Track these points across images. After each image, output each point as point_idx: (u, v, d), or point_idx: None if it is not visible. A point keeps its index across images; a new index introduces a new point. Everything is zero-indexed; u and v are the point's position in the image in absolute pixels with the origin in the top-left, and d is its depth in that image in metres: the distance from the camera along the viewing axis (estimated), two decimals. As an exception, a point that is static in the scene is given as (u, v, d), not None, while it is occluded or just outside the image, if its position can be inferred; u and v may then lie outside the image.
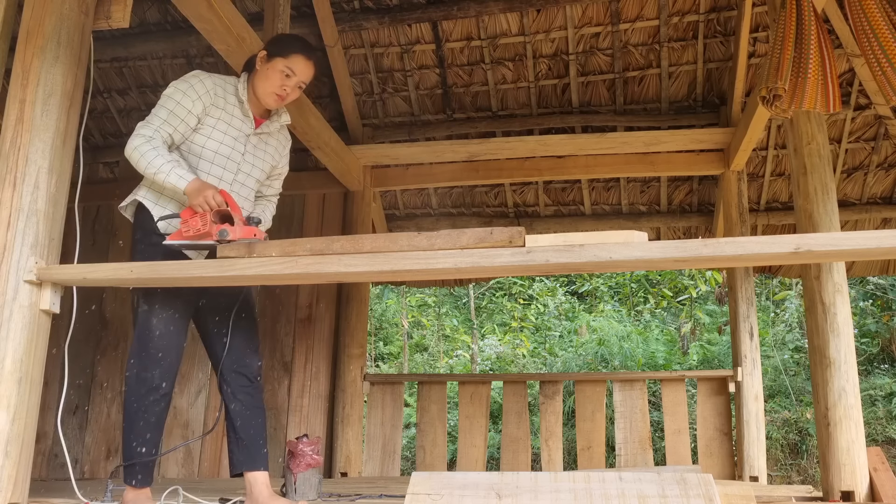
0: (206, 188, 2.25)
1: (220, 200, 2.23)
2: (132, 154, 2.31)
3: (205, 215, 2.21)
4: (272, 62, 2.47)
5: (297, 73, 2.48)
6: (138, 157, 2.29)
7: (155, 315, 2.30)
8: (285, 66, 2.46)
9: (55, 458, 4.63)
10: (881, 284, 8.26)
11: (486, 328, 10.53)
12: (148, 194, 2.41)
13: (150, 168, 2.28)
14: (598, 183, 5.35)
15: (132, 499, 2.28)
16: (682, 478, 1.85)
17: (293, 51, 2.49)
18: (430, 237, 2.07)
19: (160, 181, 2.28)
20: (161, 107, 2.38)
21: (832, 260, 2.79)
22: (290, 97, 2.52)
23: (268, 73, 2.47)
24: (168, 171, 2.26)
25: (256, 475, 2.38)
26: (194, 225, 2.22)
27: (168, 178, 2.26)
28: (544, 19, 4.61)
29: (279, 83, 2.47)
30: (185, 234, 2.24)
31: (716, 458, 4.45)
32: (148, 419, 2.28)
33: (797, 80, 2.69)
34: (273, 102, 2.51)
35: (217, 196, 2.23)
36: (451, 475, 1.95)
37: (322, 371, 4.69)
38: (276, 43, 2.56)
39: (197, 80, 2.43)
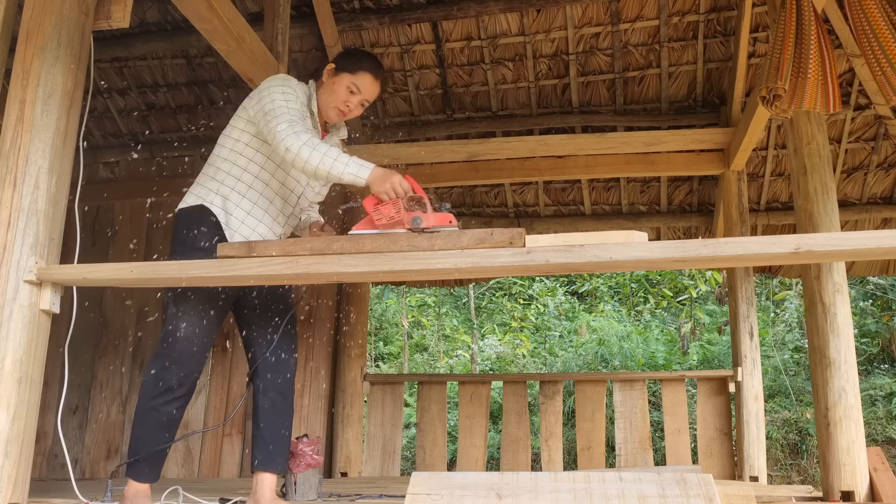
0: (392, 175, 2.18)
1: (406, 187, 2.17)
2: (301, 149, 2.19)
3: (396, 202, 2.14)
4: (339, 77, 2.45)
5: (362, 90, 2.46)
6: (309, 151, 2.18)
7: (183, 321, 2.28)
8: (352, 83, 2.44)
9: (55, 458, 4.63)
10: (881, 284, 8.26)
11: (486, 328, 10.53)
12: (215, 199, 2.37)
13: (327, 158, 2.17)
14: (598, 183, 5.35)
15: (133, 494, 2.28)
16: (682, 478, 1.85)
17: (362, 68, 2.46)
18: (431, 237, 2.07)
19: (337, 172, 2.17)
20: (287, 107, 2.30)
21: (832, 260, 2.79)
22: (351, 114, 2.50)
23: (334, 87, 2.45)
24: (347, 161, 2.18)
25: (265, 476, 2.38)
26: (386, 213, 2.14)
27: (348, 167, 2.17)
28: (544, 19, 4.62)
29: (343, 99, 2.45)
30: (378, 222, 2.15)
31: (716, 458, 4.45)
32: (159, 419, 2.27)
33: (797, 80, 2.69)
34: (334, 116, 2.49)
35: (404, 183, 2.18)
36: (451, 475, 1.95)
37: (322, 371, 4.69)
38: (346, 58, 2.53)
39: (294, 83, 2.41)
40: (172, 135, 5.31)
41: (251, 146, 2.42)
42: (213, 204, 2.37)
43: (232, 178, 2.40)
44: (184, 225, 2.38)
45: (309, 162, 2.18)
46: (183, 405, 2.34)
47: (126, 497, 2.28)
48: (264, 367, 2.43)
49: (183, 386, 2.29)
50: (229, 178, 2.40)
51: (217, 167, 2.43)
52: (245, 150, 2.42)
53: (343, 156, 2.20)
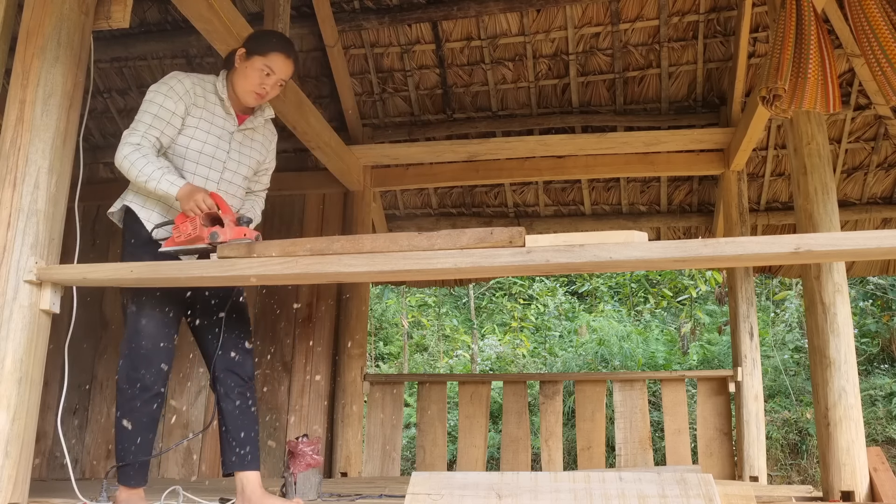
0: (196, 192, 2.23)
1: (210, 203, 2.22)
2: (122, 163, 2.31)
3: (195, 219, 2.21)
4: (251, 60, 2.44)
5: (276, 71, 2.45)
6: (128, 165, 2.29)
7: (144, 316, 2.30)
8: (264, 65, 2.43)
9: (55, 458, 4.63)
10: (881, 284, 8.26)
11: (486, 328, 10.53)
12: (135, 198, 2.41)
13: (141, 176, 2.28)
14: (598, 183, 5.35)
15: (125, 499, 2.27)
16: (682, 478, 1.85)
17: (272, 49, 2.45)
18: (431, 237, 2.07)
19: (151, 189, 2.28)
20: (144, 112, 2.36)
21: (832, 260, 2.79)
22: (269, 95, 2.49)
23: (247, 72, 2.44)
24: (159, 178, 2.26)
25: (248, 475, 2.38)
26: (185, 230, 2.22)
27: (159, 185, 2.26)
28: (544, 19, 4.61)
29: (258, 81, 2.44)
30: (178, 239, 2.24)
31: (716, 458, 4.45)
32: (139, 419, 2.27)
33: (797, 80, 2.69)
34: (252, 101, 2.49)
35: (207, 199, 2.22)
36: (451, 475, 1.95)
37: (322, 371, 4.69)
38: (255, 40, 2.52)
39: (175, 80, 2.41)
40: (172, 135, 5.30)
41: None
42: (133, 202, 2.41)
43: None
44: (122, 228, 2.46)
45: (128, 174, 2.32)
46: (161, 403, 2.34)
47: (119, 500, 2.27)
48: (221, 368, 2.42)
49: (157, 382, 2.30)
50: None
51: None
52: None
53: (157, 173, 2.27)
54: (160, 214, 2.39)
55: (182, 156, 2.42)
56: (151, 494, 2.43)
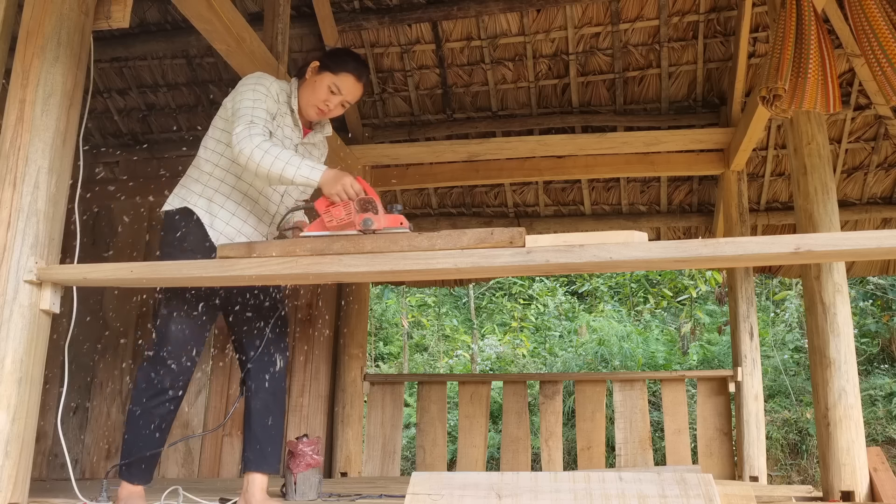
0: (344, 177, 2.19)
1: (358, 188, 2.18)
2: (253, 152, 2.19)
3: (347, 204, 2.15)
4: (321, 75, 2.44)
5: (343, 91, 2.45)
6: (261, 154, 2.18)
7: (174, 321, 2.29)
8: (333, 83, 2.43)
9: (55, 458, 4.63)
10: (881, 284, 8.26)
11: (486, 328, 10.53)
12: (199, 201, 2.37)
13: (278, 161, 2.18)
14: (598, 183, 5.35)
15: (126, 496, 2.28)
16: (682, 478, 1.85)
17: (344, 69, 2.45)
18: (431, 237, 2.07)
19: (289, 175, 2.18)
20: (253, 107, 2.30)
21: (832, 260, 2.79)
22: (331, 114, 2.49)
23: (315, 86, 2.44)
24: (299, 164, 2.19)
25: (257, 476, 2.38)
26: (337, 215, 2.15)
27: (299, 170, 2.18)
28: (544, 19, 4.61)
29: (323, 98, 2.44)
30: (329, 224, 2.17)
31: (716, 458, 4.45)
32: (153, 420, 2.28)
33: (797, 80, 2.69)
34: (314, 115, 2.49)
35: (356, 184, 2.18)
36: (451, 475, 1.95)
37: (322, 371, 4.69)
38: (331, 57, 2.52)
39: (270, 82, 2.40)
40: (172, 135, 5.31)
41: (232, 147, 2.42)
42: (197, 206, 2.37)
43: (215, 179, 2.40)
44: (169, 227, 2.39)
45: (261, 165, 2.19)
46: (176, 406, 2.34)
47: (120, 498, 2.27)
48: (256, 369, 2.43)
49: (176, 387, 2.30)
50: (212, 179, 2.40)
51: (200, 168, 2.43)
52: (227, 150, 2.41)
53: (295, 158, 2.20)
54: (223, 220, 2.36)
55: None
56: (151, 494, 2.43)
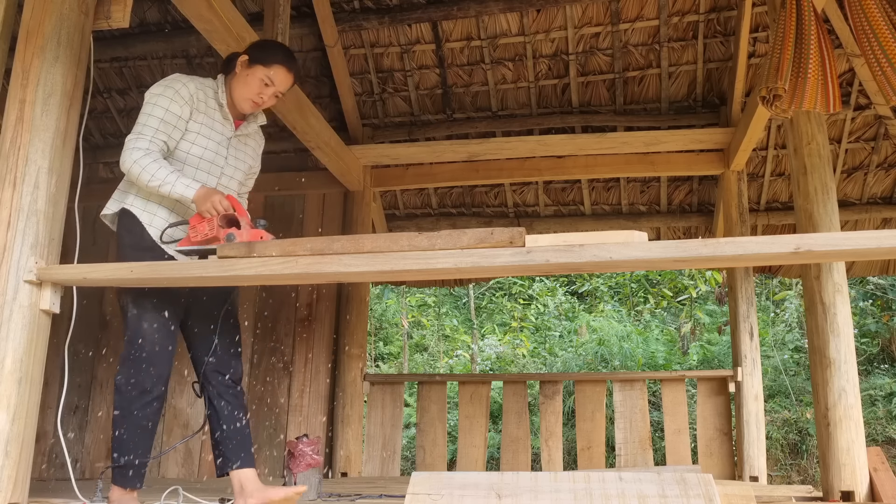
0: (213, 194, 2.26)
1: (226, 205, 2.24)
2: (132, 168, 2.28)
3: (212, 220, 2.23)
4: (253, 68, 2.45)
5: (276, 83, 2.47)
6: (139, 170, 2.27)
7: (145, 319, 2.29)
8: (265, 75, 2.45)
9: (55, 458, 4.63)
10: (881, 284, 8.26)
11: (486, 328, 10.53)
12: (136, 202, 2.39)
13: (154, 180, 2.26)
14: (598, 183, 5.35)
15: (117, 499, 2.27)
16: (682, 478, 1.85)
17: (275, 60, 2.47)
18: (431, 237, 2.07)
19: (165, 193, 2.27)
20: (150, 115, 2.34)
21: (832, 260, 2.79)
22: (265, 104, 2.51)
23: (247, 79, 2.46)
24: (173, 182, 2.26)
25: (245, 472, 2.37)
26: (202, 230, 2.24)
27: (174, 188, 2.26)
28: (544, 19, 4.61)
29: (257, 91, 2.46)
30: (194, 239, 2.26)
31: (716, 458, 4.45)
32: (139, 422, 2.27)
33: (797, 80, 2.69)
34: (248, 108, 2.51)
35: (224, 201, 2.24)
36: (451, 475, 1.95)
37: (322, 371, 4.69)
38: (259, 49, 2.53)
39: (180, 84, 2.40)
40: (172, 135, 5.30)
41: None
42: (134, 206, 2.38)
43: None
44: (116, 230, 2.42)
45: (139, 180, 2.29)
46: (160, 407, 2.34)
47: (112, 500, 2.27)
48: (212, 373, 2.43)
49: (157, 386, 2.30)
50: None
51: None
52: None
53: (171, 176, 2.26)
54: (163, 219, 2.38)
55: (182, 160, 2.41)
56: (151, 494, 2.43)
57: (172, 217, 2.40)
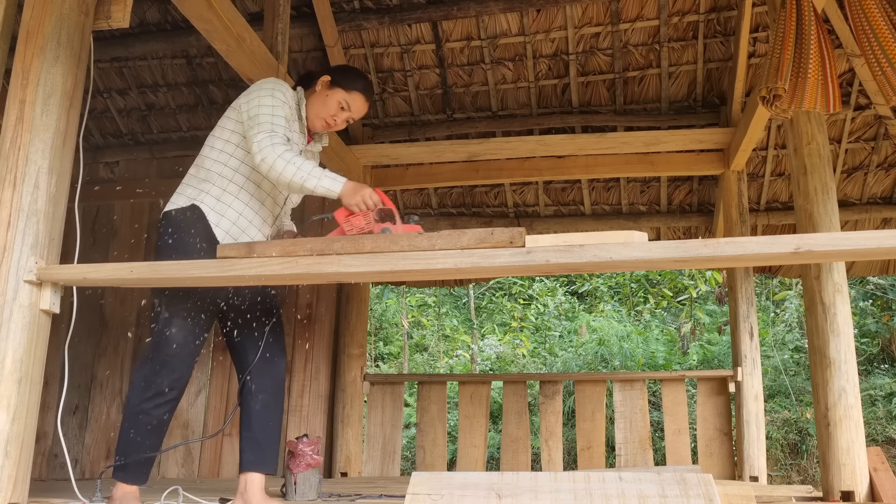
0: (362, 188, 2.28)
1: (376, 199, 2.26)
2: (276, 162, 2.26)
3: (367, 214, 2.23)
4: (333, 91, 2.52)
5: (352, 109, 2.54)
6: (284, 164, 2.25)
7: (174, 325, 2.30)
8: (344, 100, 2.52)
9: (55, 458, 4.63)
10: (881, 284, 8.26)
11: (486, 328, 10.53)
12: (207, 199, 2.39)
13: (301, 172, 2.25)
14: (598, 183, 5.35)
15: (120, 496, 2.27)
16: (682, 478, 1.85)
17: (356, 87, 2.54)
18: (431, 237, 2.07)
19: (311, 185, 2.26)
20: (272, 114, 2.36)
21: (832, 260, 2.79)
22: (336, 127, 2.58)
23: (326, 100, 2.52)
24: (320, 176, 2.27)
25: (253, 476, 2.38)
26: (357, 224, 2.24)
27: (321, 181, 2.26)
28: (544, 19, 4.61)
29: (333, 113, 2.53)
30: (350, 233, 2.24)
31: (716, 458, 4.45)
32: (149, 422, 2.28)
33: (797, 80, 2.69)
34: (320, 127, 2.56)
35: (374, 195, 2.27)
36: (451, 475, 1.95)
37: (322, 371, 4.69)
38: (343, 73, 2.60)
39: (285, 88, 2.46)
40: (172, 135, 5.31)
41: (242, 147, 2.44)
42: (205, 203, 2.38)
43: (223, 178, 2.41)
44: (174, 226, 2.39)
45: (283, 174, 2.26)
46: (173, 408, 2.34)
47: (114, 499, 2.27)
48: (256, 371, 2.44)
49: (174, 389, 2.30)
50: (220, 178, 2.41)
51: (207, 168, 2.44)
52: (236, 151, 2.44)
53: (317, 170, 2.27)
54: (230, 221, 2.39)
55: None
56: (151, 494, 2.43)
57: (241, 220, 2.40)
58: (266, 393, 2.44)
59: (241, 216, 2.41)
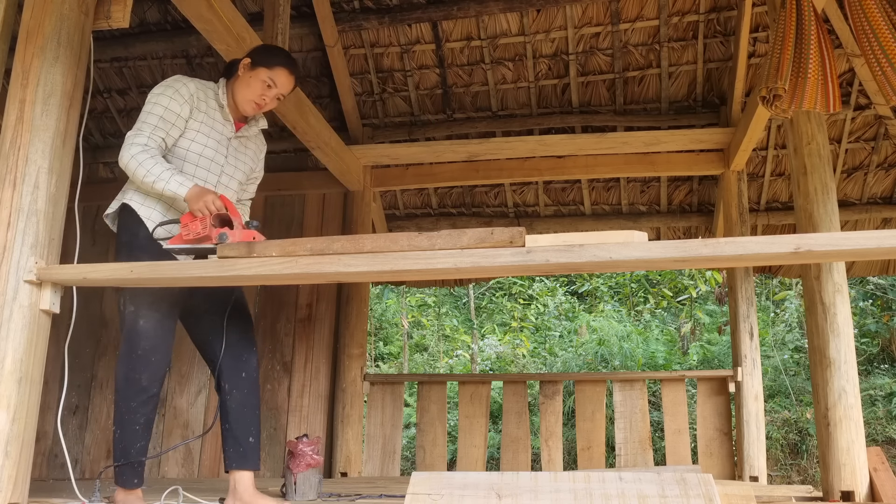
0: (206, 193, 2.27)
1: (219, 205, 2.26)
2: (129, 163, 2.32)
3: (205, 219, 2.23)
4: (255, 71, 2.51)
5: (278, 85, 2.52)
6: (136, 165, 2.30)
7: (141, 317, 2.31)
8: (268, 77, 2.50)
9: (55, 458, 4.63)
10: (881, 284, 8.26)
11: (486, 328, 10.53)
12: (135, 196, 2.42)
13: (150, 176, 2.29)
14: (598, 183, 5.35)
15: (122, 500, 2.28)
16: (682, 478, 1.85)
17: (278, 63, 2.53)
18: (431, 237, 2.07)
19: (159, 189, 2.29)
20: (150, 113, 2.39)
21: (832, 260, 2.79)
22: (267, 107, 2.56)
23: (249, 81, 2.51)
24: (168, 179, 2.29)
25: (242, 473, 2.39)
26: (194, 229, 2.25)
27: (168, 185, 2.28)
28: (544, 19, 4.61)
29: (259, 92, 2.51)
30: (186, 238, 2.26)
31: (716, 458, 4.45)
32: (137, 420, 2.29)
33: (797, 80, 2.69)
34: (251, 110, 2.56)
35: (217, 201, 2.26)
36: (451, 475, 1.95)
37: (322, 371, 4.69)
38: (262, 53, 2.59)
39: (181, 83, 2.45)
40: (172, 135, 5.30)
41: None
42: (133, 200, 2.41)
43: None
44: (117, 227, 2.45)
45: (135, 174, 2.32)
46: (156, 404, 2.36)
47: (117, 501, 2.28)
48: (228, 367, 2.44)
49: (154, 383, 2.31)
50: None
51: None
52: None
53: (165, 173, 2.29)
54: (160, 213, 2.41)
55: (182, 158, 2.45)
56: (151, 494, 2.43)
57: (170, 213, 2.42)
58: (239, 389, 2.44)
59: (170, 208, 2.42)
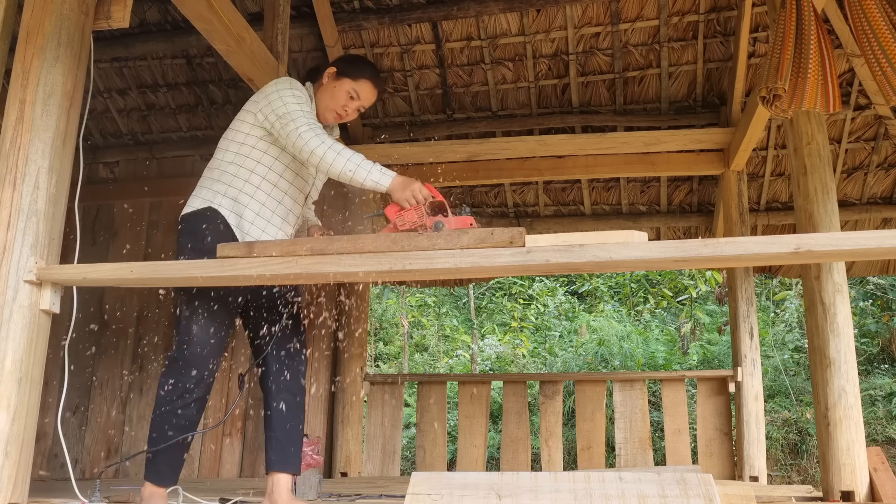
0: (412, 183, 2.25)
1: (427, 194, 2.23)
2: (326, 153, 2.25)
3: (418, 208, 2.21)
4: (340, 81, 2.52)
5: (361, 97, 2.54)
6: (334, 155, 2.24)
7: (195, 321, 2.30)
8: (352, 89, 2.52)
9: (55, 458, 4.63)
10: (881, 284, 8.26)
11: (486, 328, 10.53)
12: (224, 201, 2.38)
13: (350, 164, 2.24)
14: (598, 183, 5.35)
15: (149, 495, 2.28)
16: (682, 478, 1.85)
17: (363, 76, 2.54)
18: (431, 237, 2.07)
19: (360, 178, 2.24)
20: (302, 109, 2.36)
21: (832, 260, 2.79)
22: (348, 117, 2.57)
23: (334, 91, 2.52)
24: (370, 168, 2.25)
25: (281, 477, 2.39)
26: (409, 219, 2.20)
27: (370, 174, 2.24)
28: (544, 19, 4.61)
29: (343, 103, 2.52)
30: (402, 228, 2.21)
31: (716, 458, 4.45)
32: (177, 422, 2.28)
33: (797, 80, 2.69)
34: (331, 119, 2.57)
35: (424, 190, 2.24)
36: (451, 475, 1.95)
37: (322, 371, 4.69)
38: (348, 63, 2.59)
39: (299, 85, 2.47)
40: (172, 135, 5.31)
41: (258, 148, 2.44)
42: (222, 206, 2.37)
43: (239, 179, 2.41)
44: (191, 229, 2.38)
45: (333, 166, 2.25)
46: (200, 407, 2.35)
47: (142, 497, 2.29)
48: (276, 371, 2.44)
49: (198, 387, 2.30)
50: (237, 179, 2.41)
51: (222, 170, 2.44)
52: (252, 152, 2.44)
53: (366, 162, 2.26)
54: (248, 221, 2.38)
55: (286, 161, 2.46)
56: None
57: (259, 219, 2.40)
58: (287, 392, 2.44)
59: (258, 216, 2.41)
